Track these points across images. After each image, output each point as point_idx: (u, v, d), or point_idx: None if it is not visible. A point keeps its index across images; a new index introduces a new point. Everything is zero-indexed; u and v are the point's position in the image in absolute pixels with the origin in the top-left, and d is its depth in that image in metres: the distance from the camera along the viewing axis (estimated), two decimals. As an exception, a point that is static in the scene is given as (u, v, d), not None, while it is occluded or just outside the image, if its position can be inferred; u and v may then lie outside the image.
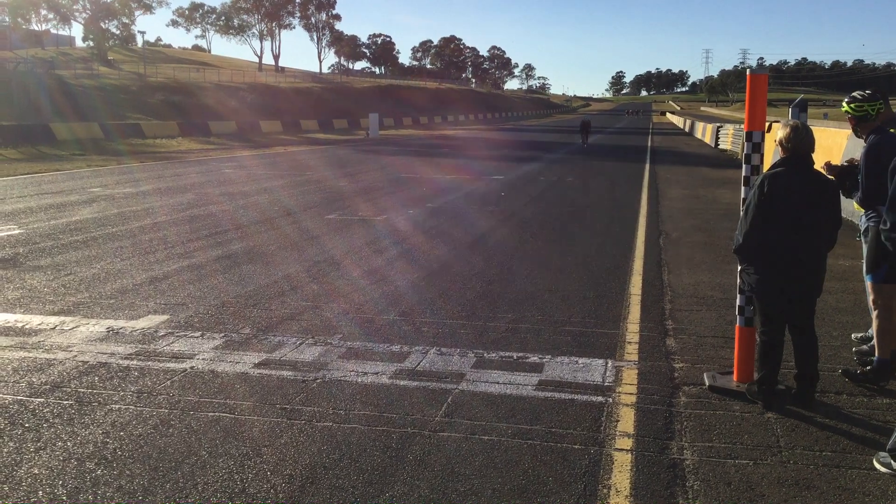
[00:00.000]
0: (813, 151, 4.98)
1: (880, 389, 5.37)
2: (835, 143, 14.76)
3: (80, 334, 6.60)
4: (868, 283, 5.65)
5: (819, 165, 5.26)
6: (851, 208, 7.55)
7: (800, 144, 4.89)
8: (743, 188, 5.31)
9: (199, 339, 6.50)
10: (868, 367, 5.54)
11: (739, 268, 5.20)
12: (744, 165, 5.34)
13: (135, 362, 5.89)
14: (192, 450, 4.37)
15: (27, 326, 6.84)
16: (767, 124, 5.37)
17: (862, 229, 5.85)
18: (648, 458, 4.30)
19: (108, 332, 6.68)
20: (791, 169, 4.87)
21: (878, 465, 4.16)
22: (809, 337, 5.06)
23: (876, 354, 5.52)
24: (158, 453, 4.32)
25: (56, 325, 6.87)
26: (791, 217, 4.80)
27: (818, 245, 4.92)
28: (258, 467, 4.16)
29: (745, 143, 5.34)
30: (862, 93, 5.68)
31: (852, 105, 5.64)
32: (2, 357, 5.99)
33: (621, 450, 4.39)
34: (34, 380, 5.49)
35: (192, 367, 5.78)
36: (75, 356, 6.01)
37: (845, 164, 5.89)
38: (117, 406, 5.01)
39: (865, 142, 5.59)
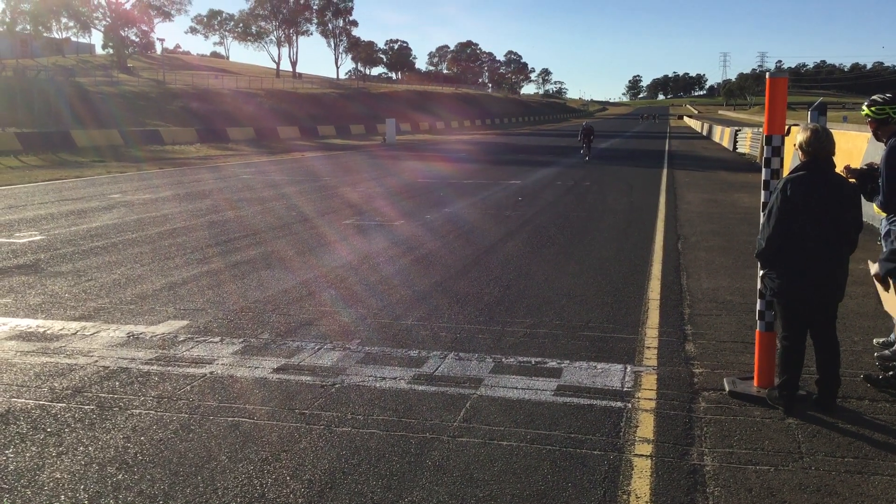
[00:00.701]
0: (833, 154, 4.94)
1: (903, 395, 5.31)
2: (855, 147, 14.63)
3: (101, 339, 6.66)
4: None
5: (839, 169, 5.23)
6: (872, 212, 7.48)
7: (821, 148, 4.86)
8: (763, 192, 5.28)
9: (219, 344, 6.54)
10: (890, 373, 5.48)
11: (760, 272, 5.16)
12: (763, 169, 5.31)
13: (155, 367, 5.93)
14: (211, 454, 4.39)
15: (49, 332, 6.91)
16: (787, 127, 5.33)
17: (882, 233, 5.80)
18: (668, 463, 4.27)
19: (129, 337, 6.74)
20: (812, 172, 4.84)
21: None
22: (831, 342, 5.02)
23: (899, 360, 5.46)
24: (179, 458, 4.35)
25: (77, 331, 6.93)
26: (813, 221, 4.77)
27: (840, 249, 4.88)
28: (277, 472, 4.17)
29: (765, 147, 5.31)
30: (882, 96, 5.63)
31: (873, 108, 5.59)
32: (24, 362, 6.05)
33: (641, 455, 4.37)
34: (56, 385, 5.55)
35: (211, 373, 5.81)
36: (96, 361, 6.07)
37: (865, 167, 5.84)
38: (138, 411, 5.05)
39: (886, 145, 5.54)
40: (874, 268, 5.42)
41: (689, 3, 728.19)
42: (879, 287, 5.50)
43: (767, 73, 5.30)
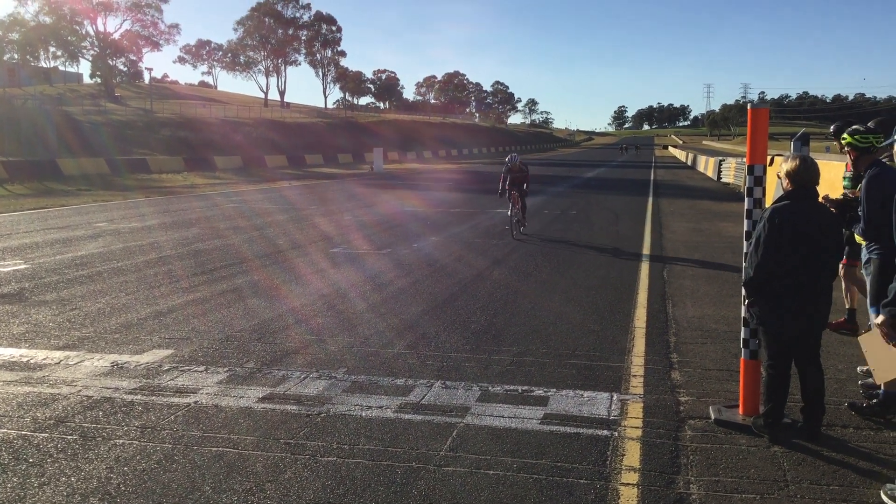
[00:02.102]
0: (818, 184, 5.02)
1: (887, 423, 5.34)
2: (836, 177, 14.78)
3: (85, 369, 6.61)
4: (872, 315, 5.63)
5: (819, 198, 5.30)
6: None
7: (809, 178, 4.93)
8: (745, 221, 5.34)
9: (204, 373, 6.50)
10: (874, 401, 5.52)
11: (746, 301, 5.18)
12: (746, 199, 5.38)
13: (139, 397, 5.89)
14: (195, 485, 4.35)
15: (32, 361, 6.85)
16: (770, 157, 5.41)
17: (863, 261, 5.86)
18: (655, 492, 4.27)
19: (113, 366, 6.69)
20: (798, 201, 4.90)
21: (885, 498, 4.13)
22: (815, 370, 5.05)
23: (882, 388, 5.49)
24: (162, 489, 4.30)
25: (61, 360, 6.88)
26: (800, 249, 4.82)
27: (825, 277, 4.94)
28: (262, 503, 4.14)
29: (747, 177, 5.37)
30: (863, 126, 5.74)
31: (857, 137, 5.69)
32: (7, 392, 5.99)
33: (627, 484, 4.37)
34: (38, 415, 5.49)
35: (196, 402, 5.77)
36: (80, 391, 6.02)
37: (847, 196, 5.91)
38: (121, 441, 5.00)
39: (863, 174, 5.62)
40: (877, 318, 4.38)
41: (673, 35, 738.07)
42: (875, 346, 4.59)
43: (749, 105, 5.39)
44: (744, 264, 5.25)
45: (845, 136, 5.83)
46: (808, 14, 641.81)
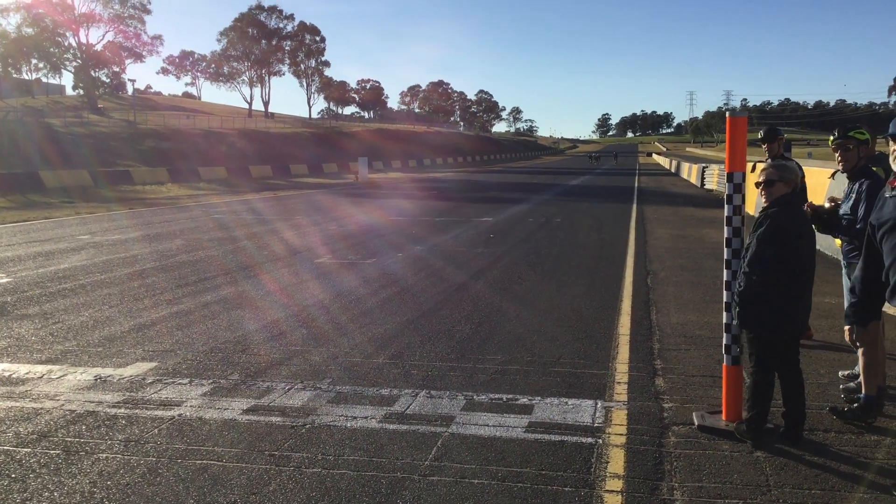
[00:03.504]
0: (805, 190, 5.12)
1: (868, 426, 5.39)
2: (818, 183, 14.92)
3: (68, 383, 6.57)
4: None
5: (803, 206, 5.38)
6: (829, 243, 7.64)
7: (798, 181, 5.06)
8: (725, 228, 5.38)
9: (187, 385, 6.48)
10: (855, 405, 5.57)
11: (737, 308, 5.12)
12: (725, 206, 5.43)
13: (122, 410, 5.86)
14: (179, 499, 4.33)
15: (14, 375, 6.80)
16: (751, 164, 5.48)
17: (845, 265, 5.94)
18: (639, 499, 4.29)
19: (96, 380, 6.65)
20: (795, 206, 5.02)
21: None
22: (796, 375, 5.09)
23: (863, 391, 5.55)
24: (146, 502, 4.29)
25: (43, 374, 6.83)
26: (801, 253, 4.89)
27: (810, 282, 5.03)
28: (246, 515, 4.12)
29: (727, 184, 5.43)
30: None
31: (857, 132, 5.81)
32: (-12, 407, 5.94)
33: (612, 491, 4.39)
34: (21, 429, 5.45)
35: (179, 415, 5.75)
36: (63, 405, 5.98)
37: (831, 204, 5.96)
38: (105, 455, 4.98)
39: (849, 178, 5.74)
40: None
41: (656, 44, 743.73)
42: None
43: (728, 113, 5.44)
44: (725, 270, 5.30)
45: (850, 133, 5.91)
46: (789, 21, 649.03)
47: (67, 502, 4.29)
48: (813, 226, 5.20)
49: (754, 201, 18.58)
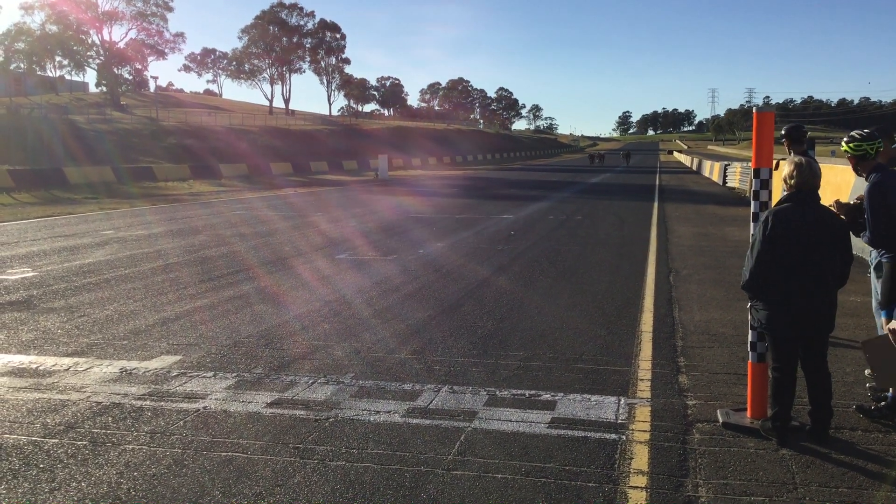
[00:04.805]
0: (818, 188, 5.02)
1: (895, 425, 5.33)
2: (843, 181, 14.79)
3: (94, 375, 6.64)
4: (882, 320, 5.63)
5: (829, 203, 5.30)
6: (861, 244, 7.56)
7: (804, 181, 4.94)
8: (752, 224, 5.35)
9: (212, 379, 6.53)
10: (882, 403, 5.51)
11: (749, 304, 5.21)
12: (752, 202, 5.39)
13: (148, 403, 5.92)
14: (205, 490, 4.37)
15: (41, 368, 6.88)
16: (775, 162, 5.42)
17: (873, 265, 5.86)
18: (663, 495, 4.28)
19: (122, 372, 6.72)
20: (796, 204, 4.91)
21: None
22: (823, 373, 5.05)
23: (890, 391, 5.49)
24: (172, 493, 4.32)
25: (70, 367, 6.91)
26: (797, 252, 4.82)
27: (827, 281, 4.92)
28: (272, 507, 4.15)
29: (753, 180, 5.38)
30: (861, 132, 5.70)
31: (851, 145, 5.68)
32: (16, 398, 6.02)
33: (636, 487, 4.37)
34: (48, 420, 5.52)
35: (204, 407, 5.80)
36: (89, 397, 6.04)
37: (856, 201, 5.91)
38: (131, 446, 5.03)
39: (867, 181, 5.62)
40: (891, 323, 4.81)
41: (678, 41, 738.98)
42: (879, 351, 4.76)
43: (755, 109, 5.40)
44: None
45: (842, 144, 5.84)
46: (812, 19, 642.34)
47: (95, 492, 4.34)
48: (817, 224, 5.01)
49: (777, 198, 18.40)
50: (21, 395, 6.09)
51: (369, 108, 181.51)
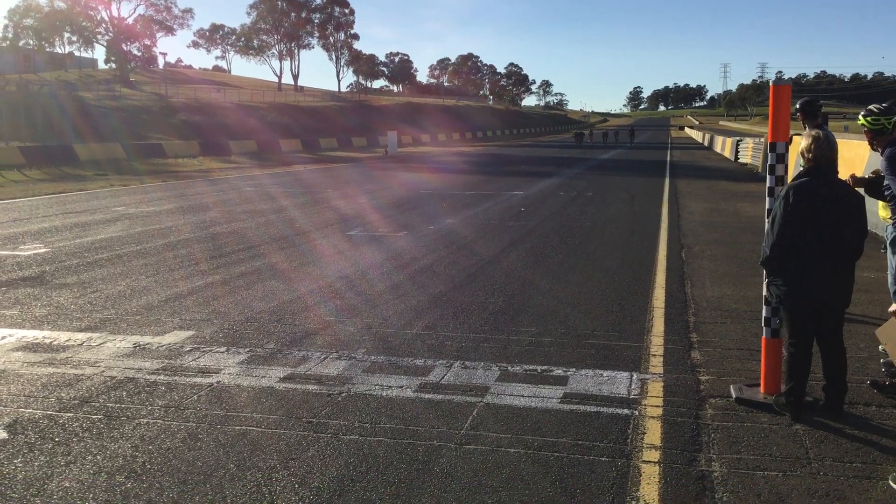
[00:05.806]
0: (836, 161, 4.96)
1: (910, 401, 5.31)
2: (857, 156, 14.66)
3: (108, 350, 6.68)
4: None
5: (844, 177, 5.24)
6: (876, 220, 7.49)
7: (821, 154, 4.88)
8: (767, 199, 5.30)
9: (225, 354, 6.55)
10: (896, 379, 5.48)
11: (766, 280, 5.17)
12: (768, 176, 5.34)
13: (162, 377, 5.95)
14: (220, 463, 4.40)
15: (55, 343, 6.93)
16: (790, 137, 5.36)
17: (889, 240, 5.81)
18: (676, 470, 4.28)
19: (135, 347, 6.75)
20: (814, 179, 4.86)
21: (892, 484, 4.08)
22: (837, 348, 5.03)
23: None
24: (187, 466, 4.35)
25: (83, 342, 6.95)
26: (816, 227, 4.78)
27: (845, 255, 4.88)
28: (286, 480, 4.18)
29: (769, 154, 5.33)
30: (878, 106, 5.64)
31: (868, 118, 5.61)
32: (31, 373, 6.07)
33: (649, 462, 4.37)
34: (63, 395, 5.56)
35: (218, 382, 5.82)
36: (103, 371, 6.08)
37: (871, 175, 5.85)
38: (145, 420, 5.06)
39: (882, 155, 5.56)
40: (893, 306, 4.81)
41: (689, 16, 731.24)
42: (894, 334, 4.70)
43: (771, 82, 5.33)
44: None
45: (859, 117, 5.77)
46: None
47: (111, 466, 4.37)
48: (834, 198, 4.95)
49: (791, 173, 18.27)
50: (36, 370, 6.13)
51: (378, 84, 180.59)
